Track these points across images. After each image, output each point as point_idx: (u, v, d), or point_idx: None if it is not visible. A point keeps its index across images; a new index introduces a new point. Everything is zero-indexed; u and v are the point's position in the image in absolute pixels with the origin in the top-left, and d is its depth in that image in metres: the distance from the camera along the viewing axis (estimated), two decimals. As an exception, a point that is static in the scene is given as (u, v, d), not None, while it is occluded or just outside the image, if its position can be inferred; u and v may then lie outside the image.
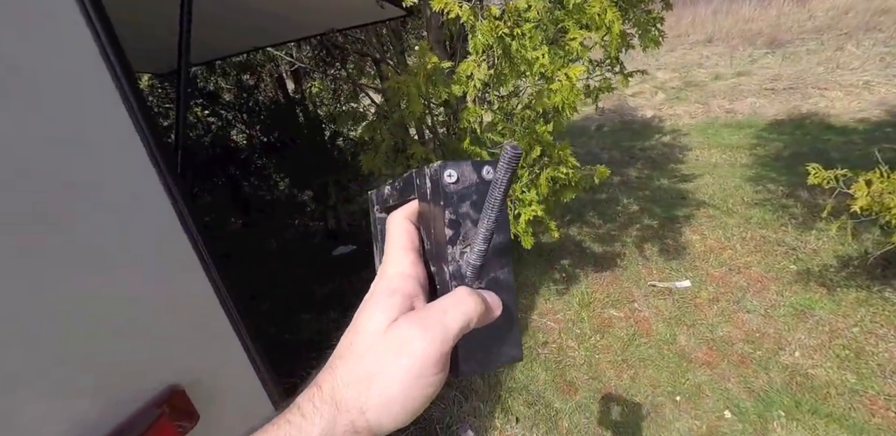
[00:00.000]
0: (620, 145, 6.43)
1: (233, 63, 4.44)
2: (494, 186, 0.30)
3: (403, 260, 0.35)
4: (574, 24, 2.33)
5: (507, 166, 0.29)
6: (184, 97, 1.60)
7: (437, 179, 0.32)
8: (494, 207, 0.30)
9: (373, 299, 0.34)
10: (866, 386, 2.32)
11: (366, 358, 0.31)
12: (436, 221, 0.33)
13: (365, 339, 0.32)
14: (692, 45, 10.27)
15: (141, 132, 0.80)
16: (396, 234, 0.37)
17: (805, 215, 3.85)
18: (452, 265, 0.33)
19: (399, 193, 0.40)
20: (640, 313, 3.12)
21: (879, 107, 6.21)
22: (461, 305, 0.31)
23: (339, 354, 0.33)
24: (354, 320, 0.34)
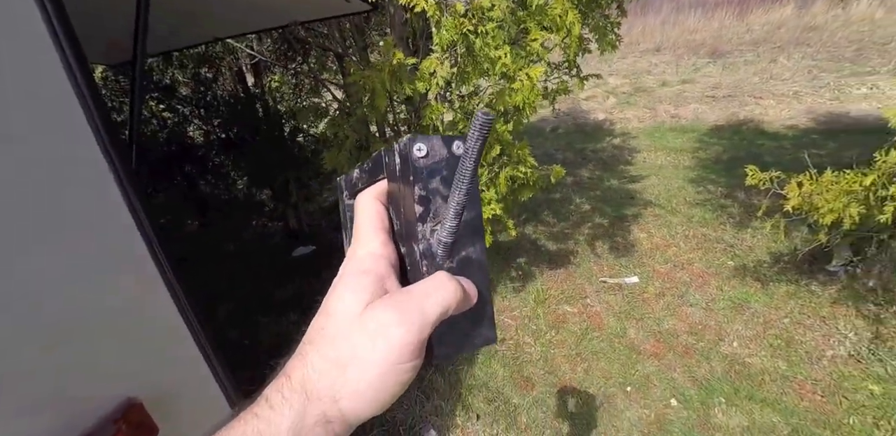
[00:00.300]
0: (574, 147, 6.63)
1: (190, 55, 4.21)
2: (465, 156, 0.28)
3: (373, 240, 0.34)
4: (536, 26, 2.38)
5: (479, 134, 0.27)
6: (139, 90, 1.50)
7: (406, 154, 0.31)
8: (465, 180, 0.29)
9: (343, 281, 0.32)
10: (796, 372, 2.52)
11: (338, 343, 0.29)
12: (405, 198, 0.32)
13: (337, 322, 0.30)
14: (642, 53, 10.75)
15: (94, 127, 0.74)
16: (366, 214, 0.35)
17: (741, 215, 4.12)
18: (423, 244, 0.31)
19: (368, 175, 0.38)
20: (593, 309, 3.23)
21: (807, 115, 6.74)
22: (441, 292, 0.30)
23: (309, 339, 0.31)
24: (325, 303, 0.32)
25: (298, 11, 2.64)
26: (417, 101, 2.90)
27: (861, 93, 7.08)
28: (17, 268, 0.64)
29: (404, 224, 0.33)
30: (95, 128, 0.74)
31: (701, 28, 11.51)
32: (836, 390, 2.37)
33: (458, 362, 2.81)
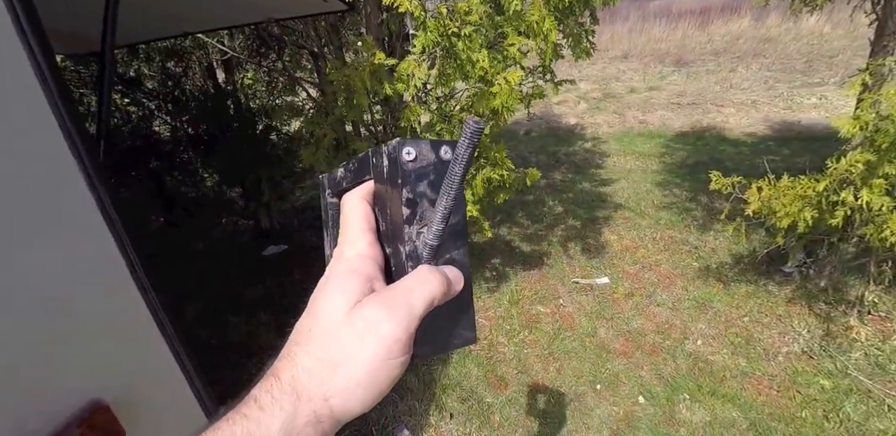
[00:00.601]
0: (547, 150, 6.76)
1: (158, 48, 4.05)
2: (455, 162, 0.29)
3: (361, 241, 0.34)
4: (513, 31, 2.42)
5: (469, 142, 0.28)
6: (108, 82, 1.44)
7: (395, 157, 0.31)
8: (453, 185, 0.29)
9: (331, 281, 0.33)
10: (754, 368, 2.65)
11: (327, 343, 0.29)
12: (392, 200, 0.32)
13: (325, 322, 0.30)
14: (611, 59, 11.05)
15: (60, 118, 0.71)
16: (353, 214, 0.36)
17: (705, 218, 4.30)
18: (409, 246, 0.32)
19: (354, 174, 0.38)
20: (565, 309, 3.30)
21: (764, 123, 7.09)
22: (425, 284, 0.30)
23: (296, 340, 0.31)
24: (311, 304, 0.32)
25: (273, 8, 2.59)
26: (395, 102, 2.90)
27: (811, 102, 7.51)
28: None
29: (391, 225, 0.34)
30: (61, 120, 0.71)
31: (666, 37, 11.94)
32: (791, 385, 2.51)
33: (433, 362, 2.82)
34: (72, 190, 0.74)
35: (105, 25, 1.30)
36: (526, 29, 2.39)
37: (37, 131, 0.69)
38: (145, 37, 3.00)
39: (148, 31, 2.78)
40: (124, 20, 1.37)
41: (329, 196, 0.43)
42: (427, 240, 0.32)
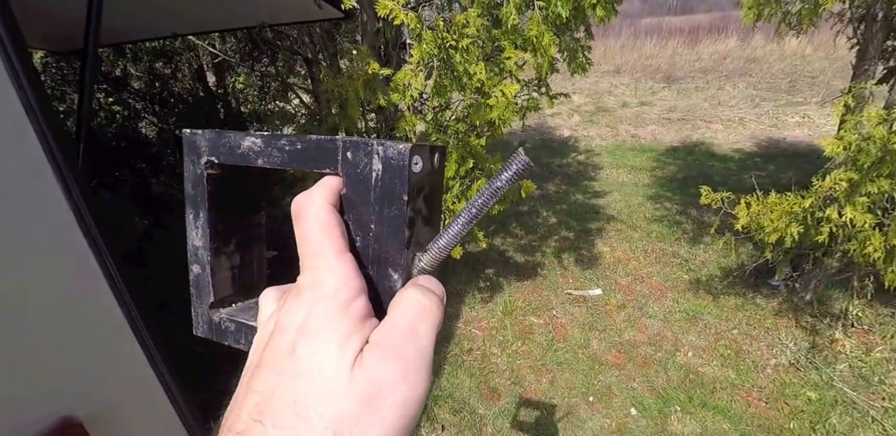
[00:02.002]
0: (540, 161, 6.84)
1: (146, 48, 4.05)
2: (492, 192, 0.25)
3: (343, 267, 0.26)
4: (510, 44, 2.47)
5: (517, 175, 0.25)
6: (90, 81, 1.43)
7: (400, 165, 0.26)
8: (479, 215, 0.26)
9: (320, 327, 0.24)
10: (744, 381, 2.69)
11: (326, 418, 0.21)
12: (383, 217, 0.27)
13: (322, 388, 0.22)
14: (603, 74, 11.26)
15: (34, 118, 0.67)
16: (326, 229, 0.26)
17: (695, 231, 4.37)
18: (405, 273, 0.27)
19: (291, 157, 0.29)
20: (558, 320, 3.32)
21: (751, 140, 7.27)
22: (426, 317, 0.25)
23: (263, 414, 0.22)
24: (289, 359, 0.24)
25: (267, 14, 2.61)
26: (391, 110, 2.93)
27: (795, 121, 7.72)
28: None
29: (374, 245, 0.28)
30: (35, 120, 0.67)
31: (657, 54, 12.22)
32: (779, 397, 2.55)
33: (424, 373, 2.81)
34: (45, 194, 0.70)
35: (88, 22, 1.27)
36: (523, 43, 2.45)
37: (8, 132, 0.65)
38: (132, 36, 2.99)
39: (135, 30, 2.77)
40: (110, 18, 1.34)
41: (207, 166, 0.32)
42: (424, 265, 0.27)
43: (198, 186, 0.33)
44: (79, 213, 0.73)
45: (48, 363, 0.70)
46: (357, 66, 2.49)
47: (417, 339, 0.24)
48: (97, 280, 0.77)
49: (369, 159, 0.26)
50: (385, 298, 0.28)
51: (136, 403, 0.88)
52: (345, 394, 0.22)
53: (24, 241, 0.68)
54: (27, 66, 0.66)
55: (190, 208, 0.34)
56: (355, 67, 2.51)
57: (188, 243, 0.34)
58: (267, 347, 0.25)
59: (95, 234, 0.76)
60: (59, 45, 2.86)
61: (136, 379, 0.87)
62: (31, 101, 0.67)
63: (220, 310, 0.35)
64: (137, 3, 2.17)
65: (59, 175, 0.70)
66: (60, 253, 0.73)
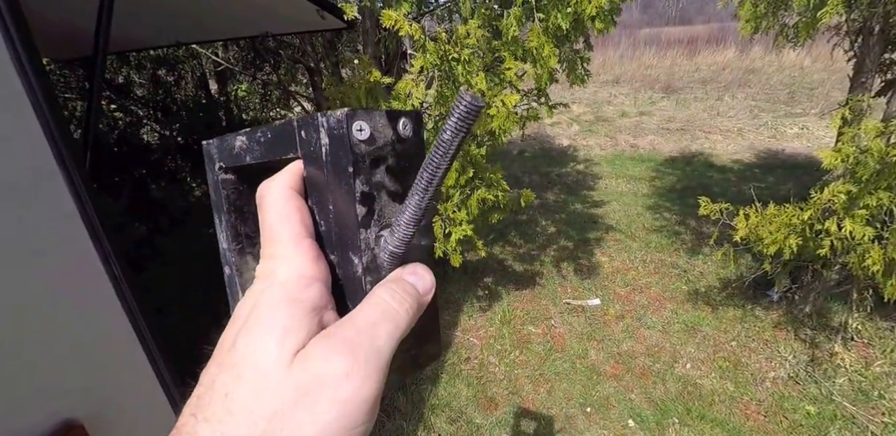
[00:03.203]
0: (540, 170, 6.86)
1: (149, 56, 4.09)
2: (440, 146, 0.22)
3: (300, 255, 0.24)
4: (510, 55, 2.50)
5: (464, 123, 0.21)
6: (97, 90, 1.45)
7: (340, 134, 0.23)
8: (434, 178, 0.22)
9: (259, 316, 0.23)
10: (742, 393, 2.67)
11: (257, 412, 0.20)
12: (338, 194, 0.25)
13: (252, 381, 0.21)
14: (602, 84, 11.35)
15: (45, 125, 0.69)
16: (282, 214, 0.25)
17: (693, 242, 4.37)
18: (366, 255, 0.25)
19: (265, 148, 0.28)
20: (556, 330, 3.31)
21: (749, 150, 7.30)
22: (391, 313, 0.23)
23: (200, 409, 0.21)
24: (225, 351, 0.22)
25: (271, 23, 2.64)
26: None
27: (794, 132, 7.75)
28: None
29: (335, 228, 0.26)
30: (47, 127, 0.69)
31: (655, 64, 12.33)
32: (778, 411, 2.53)
33: (421, 381, 2.80)
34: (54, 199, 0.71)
35: (98, 31, 1.29)
36: (523, 54, 2.48)
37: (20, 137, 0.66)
38: (137, 45, 3.03)
39: (139, 39, 2.80)
40: (115, 27, 1.37)
41: (220, 171, 0.33)
42: (391, 247, 0.25)
43: (217, 192, 0.33)
44: (86, 216, 0.75)
45: (51, 366, 0.70)
46: (359, 74, 2.51)
47: (374, 338, 0.22)
48: (102, 282, 0.78)
49: (317, 134, 0.24)
50: (349, 284, 0.26)
51: (137, 406, 0.87)
52: (279, 388, 0.20)
53: (31, 243, 0.68)
54: (40, 76, 0.68)
55: (215, 213, 0.34)
56: (357, 76, 2.53)
57: (219, 246, 0.35)
58: (220, 339, 0.24)
59: (101, 237, 0.77)
60: (61, 53, 2.89)
61: (138, 382, 0.86)
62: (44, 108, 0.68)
63: None
64: (143, 13, 2.20)
65: (67, 179, 0.72)
66: (66, 255, 0.74)
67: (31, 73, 0.66)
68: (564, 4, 2.18)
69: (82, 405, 0.72)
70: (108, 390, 0.80)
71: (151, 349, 0.87)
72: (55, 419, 0.68)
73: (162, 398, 0.91)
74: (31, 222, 0.68)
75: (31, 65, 0.66)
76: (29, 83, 0.66)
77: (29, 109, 0.66)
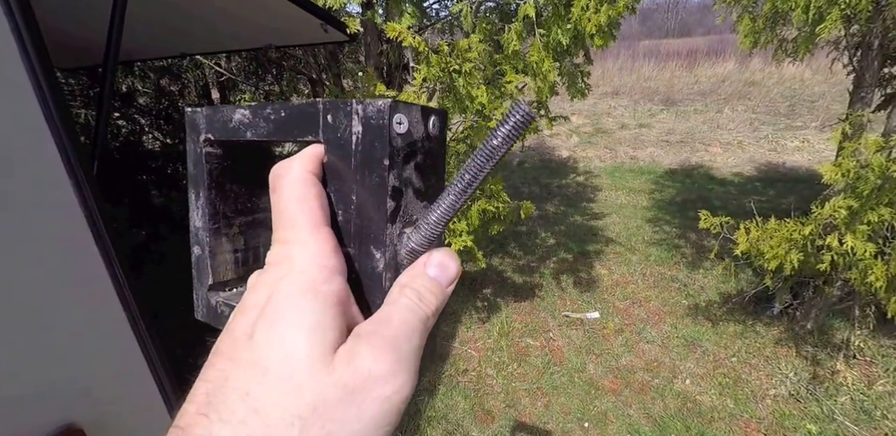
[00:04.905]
0: (539, 181, 6.87)
1: (153, 66, 4.13)
2: (487, 151, 0.22)
3: (318, 242, 0.23)
4: (511, 69, 2.52)
5: (516, 131, 0.21)
6: (107, 99, 1.46)
7: (380, 125, 0.23)
8: (476, 180, 0.22)
9: (284, 309, 0.21)
10: (742, 410, 2.63)
11: (290, 412, 0.19)
12: (366, 186, 0.24)
13: (285, 380, 0.20)
14: (601, 95, 11.41)
15: (56, 134, 0.70)
16: (303, 198, 0.24)
17: (693, 255, 4.35)
18: (388, 251, 0.24)
19: (276, 126, 0.27)
20: (555, 343, 3.27)
21: (750, 163, 7.31)
22: (422, 317, 0.23)
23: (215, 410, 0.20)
24: (245, 345, 0.21)
25: (274, 36, 2.66)
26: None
27: (794, 145, 7.77)
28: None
29: (357, 220, 0.25)
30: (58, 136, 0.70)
31: (655, 76, 12.41)
32: (778, 429, 2.49)
33: (418, 393, 2.76)
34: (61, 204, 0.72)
35: (108, 43, 1.32)
36: (523, 67, 2.49)
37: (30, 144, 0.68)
38: (142, 55, 3.05)
39: (145, 50, 2.83)
40: (123, 37, 1.40)
41: (205, 143, 0.30)
42: (413, 244, 0.24)
43: (198, 165, 0.31)
44: (91, 219, 0.75)
45: (51, 370, 0.70)
46: (363, 87, 2.53)
47: (411, 339, 0.22)
48: (105, 287, 0.78)
49: (349, 121, 0.24)
50: (367, 280, 0.25)
51: (137, 411, 0.88)
52: (318, 386, 0.19)
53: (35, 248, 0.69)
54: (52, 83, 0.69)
55: (192, 188, 0.32)
56: (361, 88, 2.54)
57: (190, 224, 0.33)
58: (226, 330, 0.22)
59: (106, 240, 0.78)
60: (66, 62, 2.91)
61: (138, 387, 0.87)
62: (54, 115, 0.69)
63: (219, 293, 0.34)
64: (150, 24, 2.22)
65: (75, 184, 0.73)
66: (70, 260, 0.74)
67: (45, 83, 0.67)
68: (565, 21, 2.19)
69: (82, 410, 0.73)
70: (109, 395, 0.81)
71: (152, 356, 0.88)
72: (55, 424, 0.68)
73: (162, 405, 0.92)
74: (37, 227, 0.69)
75: (44, 75, 0.67)
76: (41, 93, 0.67)
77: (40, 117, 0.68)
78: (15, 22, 0.64)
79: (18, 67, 0.65)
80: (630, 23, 22.48)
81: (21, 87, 0.66)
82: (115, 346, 0.82)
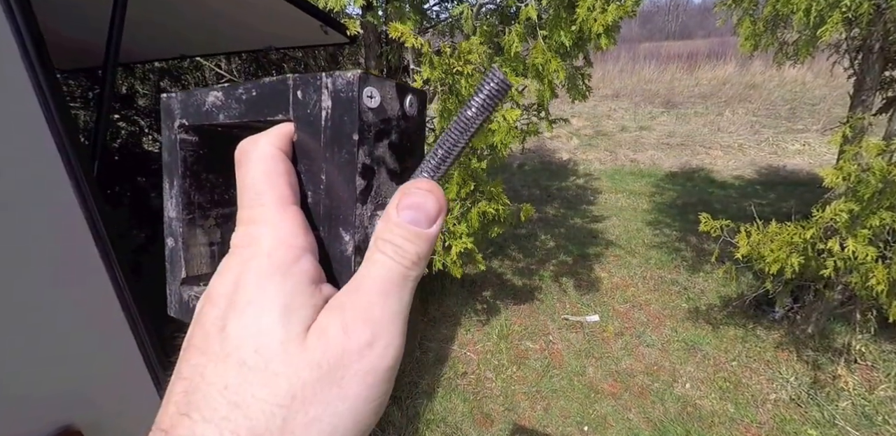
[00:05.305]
0: (539, 184, 6.86)
1: (153, 67, 4.13)
2: (461, 123, 0.21)
3: (286, 221, 0.21)
4: (511, 71, 2.51)
5: (491, 100, 0.20)
6: (107, 101, 1.46)
7: (349, 98, 0.21)
8: (449, 156, 0.22)
9: (252, 295, 0.20)
10: (743, 415, 2.62)
11: (270, 402, 0.18)
12: (335, 163, 0.22)
13: (261, 369, 0.18)
14: (602, 98, 11.42)
15: (56, 135, 0.70)
16: (270, 175, 0.22)
17: (694, 259, 4.34)
18: (358, 233, 0.23)
19: (247, 106, 0.25)
20: (554, 346, 3.26)
21: (750, 167, 7.30)
22: (400, 274, 0.21)
23: (192, 403, 0.19)
24: (217, 337, 0.20)
25: (274, 38, 2.67)
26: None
27: (795, 148, 7.77)
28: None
29: (326, 200, 0.24)
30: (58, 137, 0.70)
31: (655, 79, 12.42)
32: (779, 434, 2.48)
33: (417, 395, 2.75)
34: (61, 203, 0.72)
35: (108, 44, 1.32)
36: (525, 70, 2.49)
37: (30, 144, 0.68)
38: (141, 57, 3.05)
39: (145, 51, 2.83)
40: (123, 39, 1.40)
41: (180, 130, 0.29)
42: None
43: (172, 153, 0.30)
44: (91, 221, 0.76)
45: (50, 371, 0.70)
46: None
47: (388, 302, 0.20)
48: (105, 287, 0.78)
49: (318, 95, 0.22)
50: (336, 265, 0.23)
51: (135, 412, 0.87)
52: (294, 371, 0.18)
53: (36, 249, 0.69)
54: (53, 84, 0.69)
55: (166, 177, 0.31)
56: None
57: (164, 215, 0.31)
58: (195, 323, 0.21)
59: (106, 241, 0.78)
60: (67, 63, 2.91)
61: (136, 388, 0.87)
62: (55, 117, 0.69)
63: (192, 288, 0.32)
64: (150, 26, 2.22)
65: (75, 184, 0.73)
66: (70, 262, 0.74)
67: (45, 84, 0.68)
68: (568, 22, 2.19)
69: (80, 411, 0.73)
70: (108, 396, 0.81)
71: (150, 358, 0.87)
72: (53, 425, 0.68)
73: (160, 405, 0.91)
74: (37, 228, 0.69)
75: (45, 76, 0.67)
76: (42, 94, 0.67)
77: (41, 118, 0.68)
78: (16, 23, 0.64)
79: (19, 68, 0.65)
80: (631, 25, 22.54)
81: (22, 87, 0.66)
82: (114, 347, 0.82)
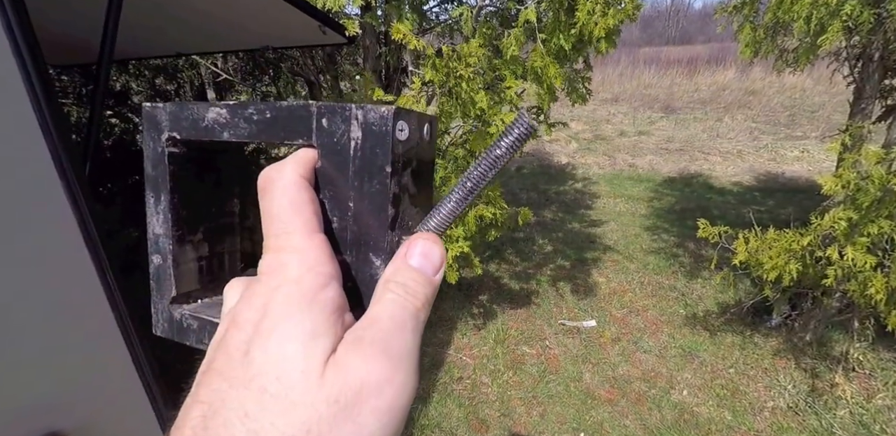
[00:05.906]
0: (538, 188, 6.85)
1: (149, 65, 4.11)
2: (489, 160, 0.22)
3: (313, 249, 0.22)
4: (510, 74, 2.50)
5: (518, 142, 0.22)
6: (100, 97, 1.44)
7: (382, 132, 0.22)
8: (477, 188, 0.23)
9: (278, 321, 0.20)
10: (740, 422, 2.59)
11: (287, 434, 0.18)
12: (364, 193, 0.23)
13: (281, 398, 0.18)
14: (601, 102, 11.44)
15: (47, 133, 0.69)
16: (296, 204, 0.23)
17: (692, 265, 4.33)
18: (389, 259, 0.24)
19: (260, 128, 0.25)
20: (551, 351, 3.24)
21: (749, 173, 7.31)
22: (413, 314, 0.22)
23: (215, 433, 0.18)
24: (240, 362, 0.20)
25: (272, 37, 2.65)
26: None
27: (794, 155, 7.78)
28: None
29: (353, 227, 0.24)
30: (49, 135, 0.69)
31: (655, 84, 12.45)
32: (777, 442, 2.45)
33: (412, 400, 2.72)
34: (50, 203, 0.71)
35: (103, 41, 1.31)
36: (523, 73, 2.48)
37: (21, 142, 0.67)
38: (136, 54, 3.03)
39: (139, 48, 2.81)
40: (118, 36, 1.38)
41: (168, 143, 0.28)
42: None
43: (158, 166, 0.29)
44: (82, 222, 0.74)
45: (38, 375, 0.69)
46: (361, 90, 2.51)
47: (404, 339, 0.21)
48: (94, 290, 0.77)
49: (347, 126, 0.23)
50: (364, 288, 0.24)
51: (125, 418, 0.86)
52: (312, 403, 0.18)
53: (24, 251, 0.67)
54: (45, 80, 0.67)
55: (150, 191, 0.30)
56: (359, 91, 2.53)
57: (148, 231, 0.31)
58: (219, 347, 0.21)
59: (97, 242, 0.76)
60: (58, 59, 2.89)
61: (126, 393, 0.85)
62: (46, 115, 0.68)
63: (182, 306, 0.31)
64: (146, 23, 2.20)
65: (66, 184, 0.71)
66: (60, 264, 0.73)
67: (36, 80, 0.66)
68: (568, 26, 2.18)
69: (69, 417, 0.72)
70: (97, 401, 0.79)
71: (140, 362, 0.86)
72: (41, 431, 0.68)
73: (149, 412, 0.90)
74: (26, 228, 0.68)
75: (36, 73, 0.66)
76: (34, 90, 0.66)
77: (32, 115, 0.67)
78: (7, 18, 0.63)
79: (10, 64, 0.64)
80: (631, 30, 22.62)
81: (13, 84, 0.65)
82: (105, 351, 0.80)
